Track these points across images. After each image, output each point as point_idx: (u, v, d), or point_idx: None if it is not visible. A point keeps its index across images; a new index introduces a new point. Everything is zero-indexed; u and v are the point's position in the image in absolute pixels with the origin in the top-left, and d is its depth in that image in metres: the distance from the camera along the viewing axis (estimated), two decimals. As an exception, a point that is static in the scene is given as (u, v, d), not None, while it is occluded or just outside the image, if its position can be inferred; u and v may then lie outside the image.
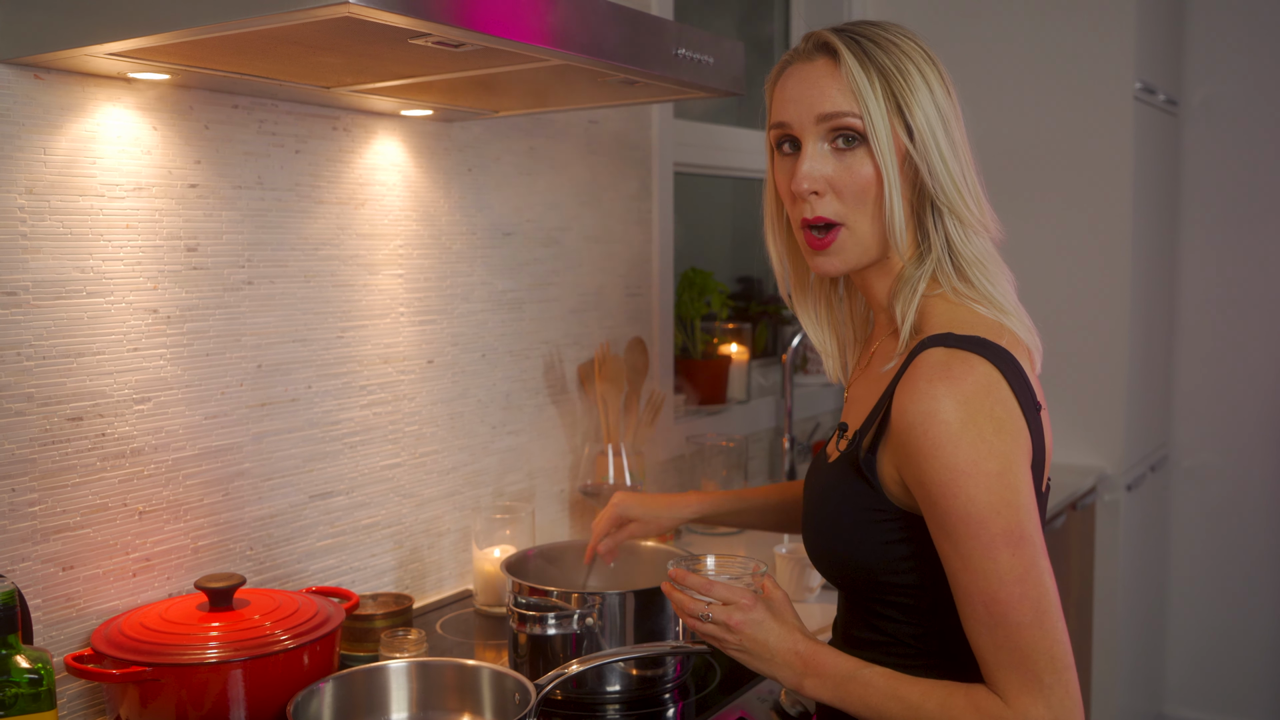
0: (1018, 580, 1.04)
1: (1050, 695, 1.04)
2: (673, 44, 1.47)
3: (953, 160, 1.18)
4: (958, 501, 1.05)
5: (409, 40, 1.20)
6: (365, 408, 1.81)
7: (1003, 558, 1.04)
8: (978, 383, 1.07)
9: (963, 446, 1.04)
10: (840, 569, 1.21)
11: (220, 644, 1.34)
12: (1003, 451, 1.05)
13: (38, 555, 1.38)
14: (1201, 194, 3.47)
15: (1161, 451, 3.45)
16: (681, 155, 2.69)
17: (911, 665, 1.16)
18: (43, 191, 1.36)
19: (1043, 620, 1.04)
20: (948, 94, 1.20)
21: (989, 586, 1.04)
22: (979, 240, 1.20)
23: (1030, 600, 1.04)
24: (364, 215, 1.79)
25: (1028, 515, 1.05)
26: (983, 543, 1.04)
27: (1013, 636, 1.04)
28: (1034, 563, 1.05)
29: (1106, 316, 3.01)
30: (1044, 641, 1.04)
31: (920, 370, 1.09)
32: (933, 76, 1.19)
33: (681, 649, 1.50)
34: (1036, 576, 1.04)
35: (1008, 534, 1.04)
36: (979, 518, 1.04)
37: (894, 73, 1.17)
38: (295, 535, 1.70)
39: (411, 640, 1.54)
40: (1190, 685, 3.56)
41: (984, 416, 1.06)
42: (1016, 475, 1.06)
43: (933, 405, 1.06)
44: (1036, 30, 3.03)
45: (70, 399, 1.40)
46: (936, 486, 1.06)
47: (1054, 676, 1.04)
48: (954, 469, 1.05)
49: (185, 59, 1.32)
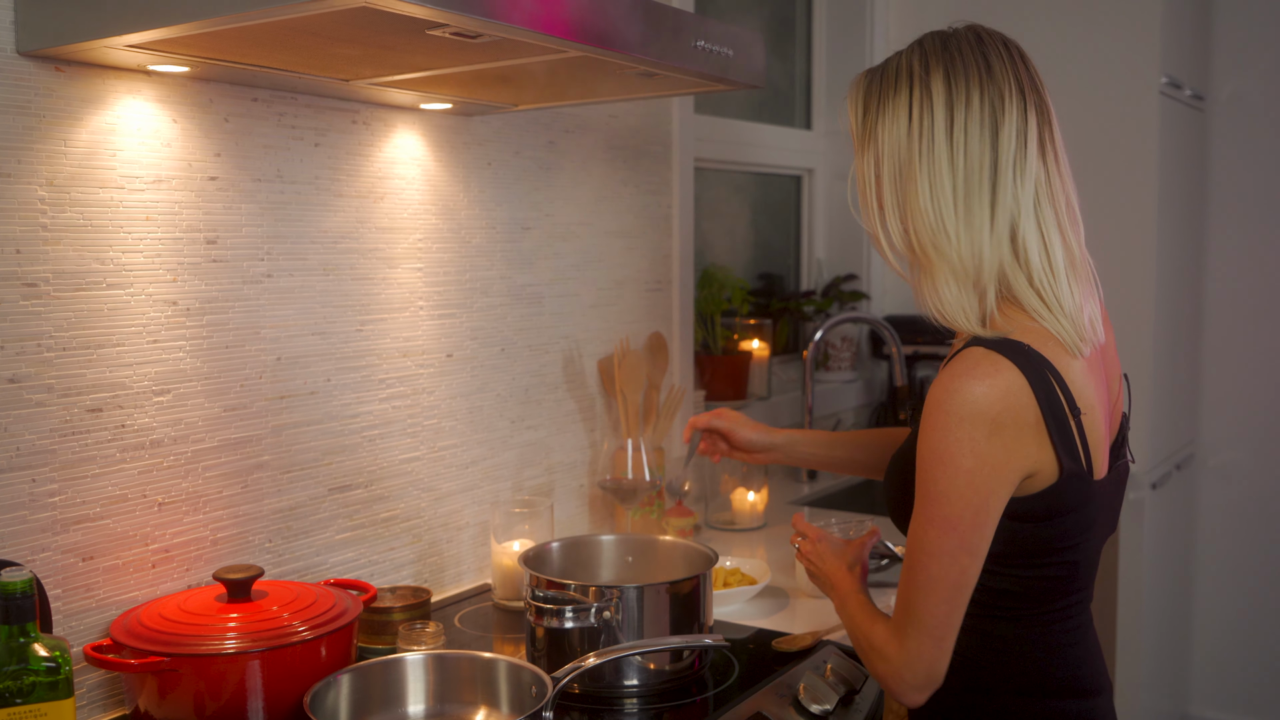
0: (929, 554, 1.20)
1: (906, 642, 1.22)
2: (692, 36, 1.47)
3: (923, 175, 1.24)
4: (927, 477, 1.20)
5: (426, 31, 1.20)
6: (384, 401, 1.81)
7: (930, 534, 1.20)
8: (995, 385, 1.17)
9: (950, 434, 1.17)
10: (904, 519, 1.33)
11: (238, 635, 1.35)
12: (985, 454, 1.17)
13: (58, 545, 1.39)
14: (1228, 189, 3.43)
15: (1188, 450, 3.42)
16: (702, 151, 2.68)
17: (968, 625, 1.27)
18: (63, 183, 1.37)
19: (930, 590, 1.20)
20: (932, 105, 1.25)
21: (913, 547, 1.22)
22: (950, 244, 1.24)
23: (927, 572, 1.20)
24: (383, 209, 1.79)
25: (974, 515, 1.18)
26: (925, 516, 1.20)
27: (907, 589, 1.23)
28: (949, 551, 1.19)
29: (1132, 313, 2.98)
30: (922, 604, 1.21)
31: (956, 364, 1.21)
32: (921, 90, 1.26)
33: (699, 643, 1.49)
34: (942, 560, 1.19)
35: (946, 520, 1.18)
36: (932, 496, 1.19)
37: (884, 86, 1.29)
38: (314, 528, 1.70)
39: (429, 633, 1.54)
40: (1216, 686, 3.53)
41: (983, 418, 1.17)
42: (986, 479, 1.17)
43: (945, 395, 1.18)
44: (1061, 25, 3.01)
45: (90, 390, 1.41)
46: (920, 460, 1.21)
47: (915, 631, 1.21)
48: (935, 452, 1.18)
49: (204, 50, 1.32)
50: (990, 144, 1.23)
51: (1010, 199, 1.22)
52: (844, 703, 1.50)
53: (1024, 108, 1.27)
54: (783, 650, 1.65)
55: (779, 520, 2.49)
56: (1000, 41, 1.33)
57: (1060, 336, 1.22)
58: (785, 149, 3.13)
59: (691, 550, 1.68)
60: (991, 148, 1.23)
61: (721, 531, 2.40)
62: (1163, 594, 3.22)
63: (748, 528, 2.41)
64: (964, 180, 1.22)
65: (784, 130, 3.14)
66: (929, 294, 1.26)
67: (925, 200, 1.23)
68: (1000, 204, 1.22)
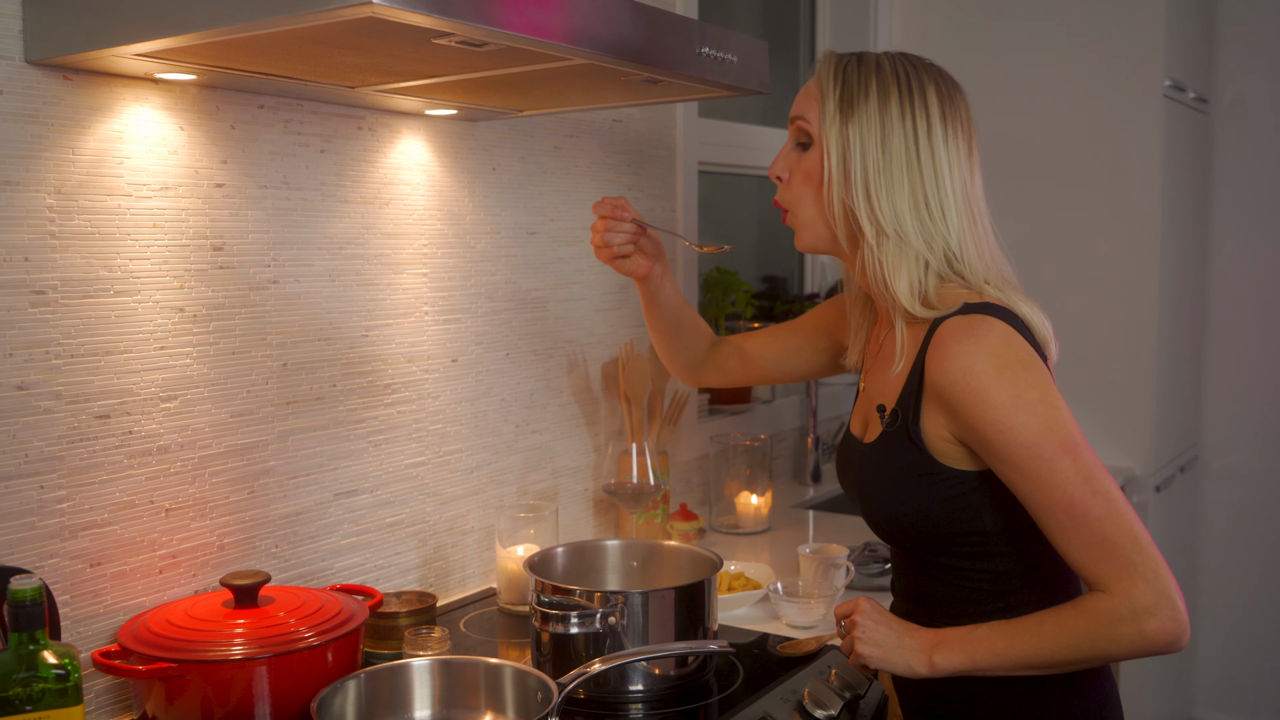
0: (1084, 480, 1.17)
1: (1144, 570, 1.15)
2: (696, 43, 1.47)
3: (875, 173, 1.31)
4: (1013, 433, 1.19)
5: (432, 40, 1.21)
6: (389, 406, 1.81)
7: (1066, 465, 1.17)
8: (999, 335, 1.23)
9: (1004, 385, 1.20)
10: (909, 532, 1.34)
11: (245, 641, 1.35)
12: (1036, 382, 1.21)
13: (66, 552, 1.39)
14: (1232, 192, 3.43)
15: (1192, 452, 3.42)
16: (706, 154, 2.68)
17: (983, 610, 1.31)
18: (71, 191, 1.37)
19: (1115, 508, 1.17)
20: (912, 115, 1.31)
21: (1064, 494, 1.18)
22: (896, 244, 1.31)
23: (1100, 494, 1.17)
24: (388, 215, 1.79)
25: (1073, 426, 1.20)
26: (1045, 459, 1.18)
27: (1097, 531, 1.17)
28: (1091, 463, 1.18)
29: (1135, 315, 2.99)
30: (1124, 525, 1.16)
31: (945, 335, 1.26)
32: (899, 100, 1.31)
33: (704, 649, 1.50)
34: (1097, 473, 1.18)
35: (1063, 444, 1.18)
36: (1035, 439, 1.18)
37: (856, 88, 1.32)
38: (320, 533, 1.71)
39: (435, 638, 1.54)
40: (1220, 689, 3.53)
41: (1013, 358, 1.22)
42: (1054, 396, 1.21)
43: (966, 360, 1.22)
44: (1066, 28, 3.01)
45: (98, 397, 1.42)
46: (990, 425, 1.20)
47: (1141, 554, 1.16)
48: (1001, 406, 1.20)
49: (211, 59, 1.33)
50: (967, 154, 1.35)
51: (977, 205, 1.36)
52: (849, 708, 1.51)
53: (976, 146, 1.39)
54: (787, 655, 1.65)
55: (783, 524, 2.49)
56: (959, 87, 1.41)
57: (1016, 309, 1.29)
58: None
59: (696, 555, 1.69)
60: (968, 158, 1.35)
61: (726, 535, 2.40)
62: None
63: (752, 531, 2.42)
64: (950, 183, 1.32)
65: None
66: (881, 267, 1.32)
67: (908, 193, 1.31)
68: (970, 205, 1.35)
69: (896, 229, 1.31)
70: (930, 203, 1.31)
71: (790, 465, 2.94)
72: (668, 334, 1.74)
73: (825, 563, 1.91)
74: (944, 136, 1.32)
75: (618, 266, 1.65)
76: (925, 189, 1.31)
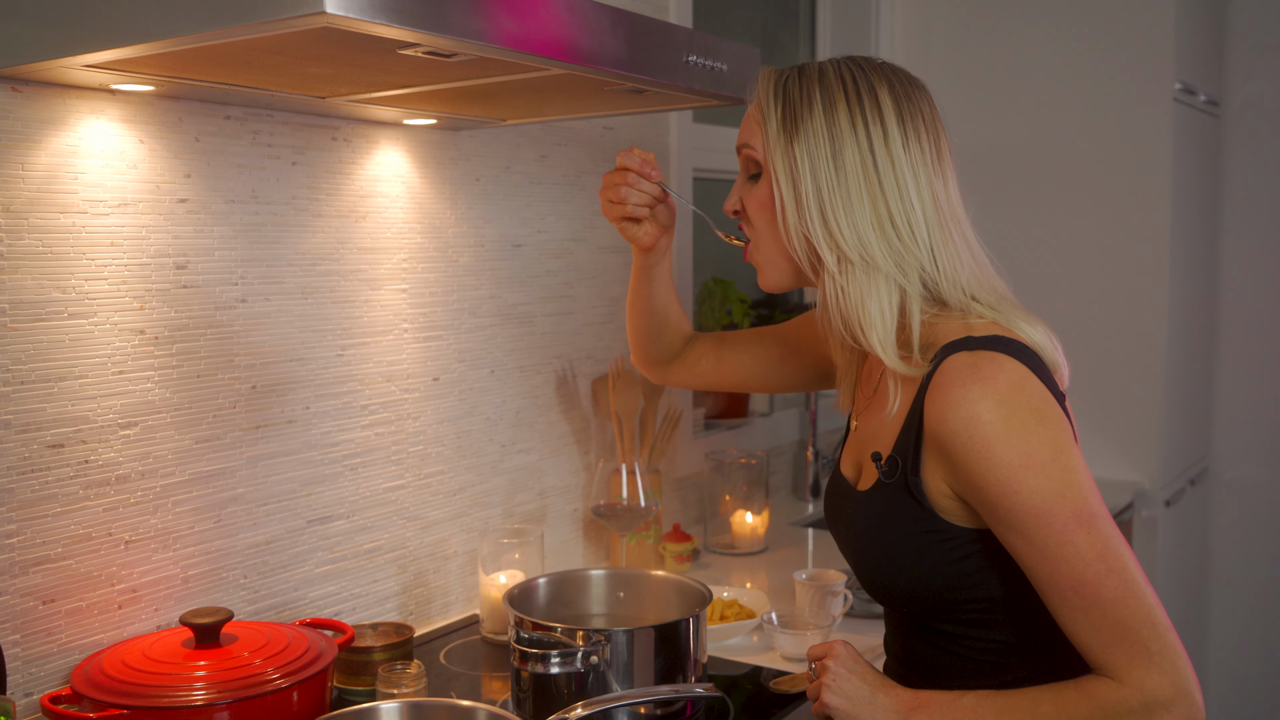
0: (1099, 557, 1.04)
1: (1161, 661, 1.03)
2: (683, 50, 1.40)
3: (829, 191, 1.17)
4: (1021, 496, 1.05)
5: (398, 51, 1.13)
6: (367, 428, 1.74)
7: (1079, 538, 1.04)
8: (1009, 378, 1.08)
9: (1012, 442, 1.05)
10: (908, 597, 1.20)
11: (206, 684, 1.28)
12: (1050, 438, 1.06)
13: (16, 589, 1.32)
14: (1243, 197, 3.35)
15: (1201, 464, 3.34)
16: (701, 160, 2.60)
17: (986, 681, 1.17)
18: (20, 209, 1.30)
19: (1132, 589, 1.04)
20: (864, 122, 1.17)
21: (1073, 570, 1.04)
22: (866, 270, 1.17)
23: (1116, 573, 1.04)
24: (365, 229, 1.72)
25: (1091, 492, 1.06)
26: (1055, 530, 1.04)
27: (1109, 614, 1.04)
28: (1109, 536, 1.05)
29: (1144, 324, 2.90)
30: (1140, 609, 1.04)
31: (948, 377, 1.10)
32: (847, 107, 1.17)
33: (690, 693, 1.42)
34: (1115, 549, 1.05)
35: (1078, 514, 1.04)
36: (1046, 506, 1.05)
37: (799, 102, 1.19)
38: (292, 562, 1.64)
39: (410, 675, 1.47)
40: (1231, 707, 3.45)
41: (1024, 409, 1.07)
42: (1070, 457, 1.07)
43: (971, 409, 1.07)
44: (1074, 31, 2.93)
45: (51, 425, 1.34)
46: (995, 487, 1.06)
47: (1159, 642, 1.03)
48: (1009, 466, 1.05)
49: (167, 70, 1.25)
50: (934, 158, 1.19)
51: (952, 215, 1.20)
52: (844, 751, 1.43)
53: (946, 149, 1.23)
54: (781, 691, 1.57)
55: (781, 543, 2.41)
56: (920, 83, 1.25)
57: (1020, 332, 1.14)
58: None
59: (685, 586, 1.61)
60: (935, 162, 1.19)
61: (721, 555, 2.33)
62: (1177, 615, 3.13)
63: (748, 551, 2.34)
64: (917, 193, 1.17)
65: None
66: (845, 298, 1.19)
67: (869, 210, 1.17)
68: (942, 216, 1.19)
69: (861, 253, 1.16)
70: (895, 218, 1.16)
71: (789, 480, 2.86)
72: (646, 318, 1.60)
73: (822, 590, 1.83)
74: (903, 141, 1.17)
75: (623, 229, 1.51)
76: (889, 203, 1.16)
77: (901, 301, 1.17)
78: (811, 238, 1.19)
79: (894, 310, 1.17)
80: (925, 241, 1.16)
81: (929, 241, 1.17)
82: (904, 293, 1.17)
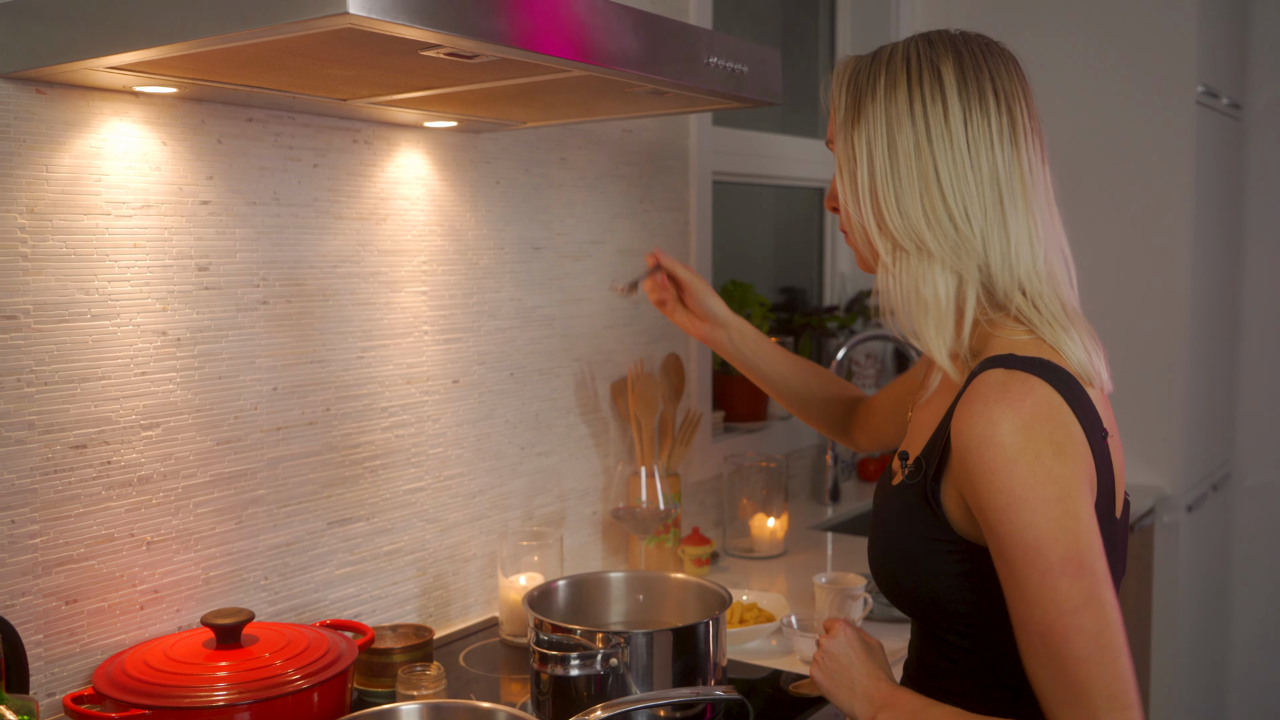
0: (1075, 610, 0.99)
1: None
2: (704, 52, 1.39)
3: (882, 179, 1.13)
4: (1015, 527, 1.01)
5: (420, 52, 1.13)
6: (387, 430, 1.74)
7: (1061, 586, 0.99)
8: (1037, 404, 1.03)
9: (1020, 470, 1.00)
10: (908, 598, 1.19)
11: (227, 684, 1.28)
12: (1062, 476, 1.01)
13: (39, 589, 1.33)
14: (1266, 200, 3.32)
15: (1224, 469, 3.31)
16: (721, 164, 2.60)
17: (985, 697, 1.14)
18: (45, 211, 1.31)
19: (1103, 654, 0.98)
20: (922, 101, 1.11)
21: (1045, 616, 1.00)
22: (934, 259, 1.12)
23: (1089, 633, 0.98)
24: (386, 231, 1.72)
25: (1088, 544, 1.00)
26: (1040, 570, 1.00)
27: (1069, 670, 0.99)
28: (1094, 593, 0.99)
29: (1166, 328, 2.88)
30: (1103, 677, 0.98)
31: (978, 392, 1.06)
32: (908, 88, 1.12)
33: (709, 696, 1.41)
34: (1097, 608, 0.99)
35: (1066, 562, 0.99)
36: (1036, 544, 1.00)
37: (864, 90, 1.15)
38: (312, 564, 1.64)
39: (430, 676, 1.47)
40: (1254, 712, 3.42)
41: (1043, 439, 1.02)
42: (1077, 501, 1.01)
43: (989, 428, 1.02)
44: (1096, 35, 2.91)
45: (74, 426, 1.35)
46: (994, 511, 1.02)
47: (1114, 717, 0.98)
48: (1011, 493, 1.01)
49: (190, 72, 1.26)
50: (1008, 132, 1.12)
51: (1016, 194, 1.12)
52: (865, 755, 1.42)
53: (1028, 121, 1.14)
54: (800, 695, 1.57)
55: (800, 546, 2.41)
56: (1001, 48, 1.18)
57: (1063, 352, 1.09)
58: (808, 161, 3.05)
59: (704, 589, 1.61)
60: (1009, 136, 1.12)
61: (740, 559, 2.32)
62: (1198, 621, 3.12)
63: (767, 555, 2.33)
64: (972, 171, 1.11)
65: (806, 142, 3.06)
66: (900, 289, 1.13)
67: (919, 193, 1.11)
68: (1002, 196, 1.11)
69: (915, 240, 1.11)
70: (949, 199, 1.09)
71: (808, 484, 2.85)
72: (773, 391, 1.68)
73: (842, 594, 1.82)
74: (964, 115, 1.10)
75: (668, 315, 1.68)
76: (942, 186, 1.09)
77: (959, 288, 1.11)
78: (868, 228, 1.15)
79: (949, 298, 1.11)
80: (980, 223, 1.10)
81: (983, 223, 1.10)
82: (960, 279, 1.11)
